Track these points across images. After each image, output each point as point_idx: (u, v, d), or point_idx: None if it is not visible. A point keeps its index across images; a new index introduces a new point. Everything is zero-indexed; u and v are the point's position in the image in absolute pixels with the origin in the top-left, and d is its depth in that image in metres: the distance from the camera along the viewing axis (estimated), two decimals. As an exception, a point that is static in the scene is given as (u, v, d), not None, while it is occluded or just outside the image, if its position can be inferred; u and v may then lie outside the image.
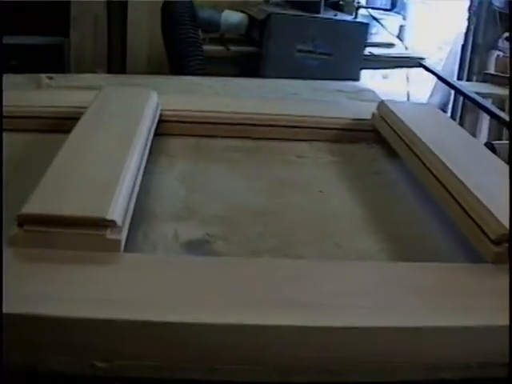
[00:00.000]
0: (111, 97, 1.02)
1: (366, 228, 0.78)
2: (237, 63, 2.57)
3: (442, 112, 1.25)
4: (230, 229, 0.75)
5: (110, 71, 2.60)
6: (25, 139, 0.98)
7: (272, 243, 0.72)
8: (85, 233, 0.61)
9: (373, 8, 3.03)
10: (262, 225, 0.77)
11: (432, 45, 3.82)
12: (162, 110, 1.07)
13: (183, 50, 2.23)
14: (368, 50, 2.63)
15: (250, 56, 2.53)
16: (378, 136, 1.07)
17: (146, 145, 0.88)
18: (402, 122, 0.99)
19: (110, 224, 0.61)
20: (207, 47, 2.43)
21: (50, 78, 1.39)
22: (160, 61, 2.48)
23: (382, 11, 3.05)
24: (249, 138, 1.07)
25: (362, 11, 2.69)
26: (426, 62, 2.62)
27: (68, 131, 0.86)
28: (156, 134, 1.02)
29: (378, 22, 2.87)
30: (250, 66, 2.50)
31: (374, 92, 1.43)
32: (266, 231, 0.75)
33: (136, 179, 0.76)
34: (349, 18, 2.56)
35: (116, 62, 2.70)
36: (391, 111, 1.04)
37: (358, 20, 2.56)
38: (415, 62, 2.67)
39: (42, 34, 2.57)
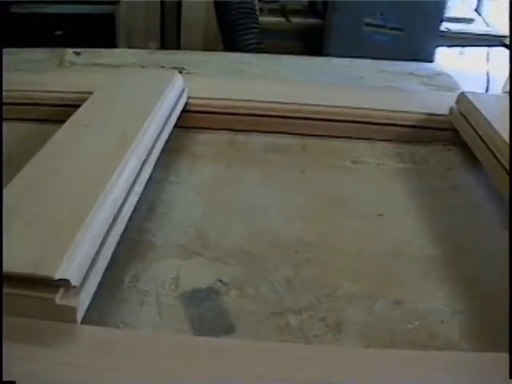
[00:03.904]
0: (122, 82, 0.84)
1: (438, 276, 0.57)
2: (298, 37, 2.34)
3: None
4: (250, 271, 0.56)
5: (163, 46, 2.42)
6: (20, 130, 0.81)
7: (303, 297, 0.53)
8: (26, 294, 0.43)
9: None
10: (294, 266, 0.57)
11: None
12: (189, 97, 0.88)
13: (236, 22, 1.99)
14: (444, 26, 2.35)
15: (313, 29, 2.30)
16: (457, 136, 0.85)
17: (153, 146, 0.69)
18: (487, 120, 0.77)
19: (61, 284, 0.43)
20: (265, 18, 2.19)
21: (77, 54, 1.22)
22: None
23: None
24: (294, 135, 0.87)
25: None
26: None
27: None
28: (180, 127, 0.84)
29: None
30: (312, 41, 2.28)
31: (451, 77, 1.20)
32: (298, 277, 0.56)
33: (126, 200, 0.57)
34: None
35: (170, 35, 2.50)
36: (473, 106, 0.82)
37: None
38: (497, 41, 2.38)
39: (92, 3, 2.39)
